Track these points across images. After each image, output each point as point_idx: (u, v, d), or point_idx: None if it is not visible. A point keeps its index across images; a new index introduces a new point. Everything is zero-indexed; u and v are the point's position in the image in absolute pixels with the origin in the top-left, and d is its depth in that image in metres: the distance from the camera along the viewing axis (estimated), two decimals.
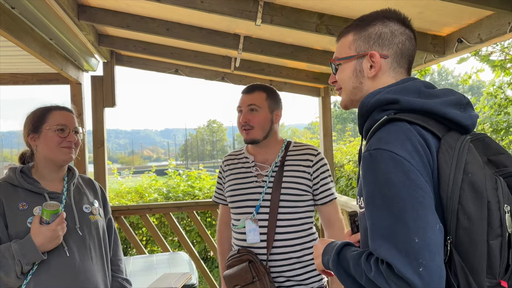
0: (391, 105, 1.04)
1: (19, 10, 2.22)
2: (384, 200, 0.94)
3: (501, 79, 6.10)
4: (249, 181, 1.91)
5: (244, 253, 1.82)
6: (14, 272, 1.49)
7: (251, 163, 1.95)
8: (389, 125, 1.01)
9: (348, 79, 1.16)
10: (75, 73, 3.46)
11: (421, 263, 0.87)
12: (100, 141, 3.71)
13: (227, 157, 2.07)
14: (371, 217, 0.97)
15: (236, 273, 1.80)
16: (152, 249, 6.28)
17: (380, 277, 0.92)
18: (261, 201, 1.86)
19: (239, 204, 1.91)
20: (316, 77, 3.79)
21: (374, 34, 1.12)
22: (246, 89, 1.96)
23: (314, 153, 1.92)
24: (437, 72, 49.80)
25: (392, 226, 0.91)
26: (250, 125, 1.88)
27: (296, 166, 1.89)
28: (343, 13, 2.36)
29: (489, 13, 2.07)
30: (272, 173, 1.89)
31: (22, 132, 1.73)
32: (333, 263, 1.06)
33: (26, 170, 1.68)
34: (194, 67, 3.95)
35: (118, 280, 1.86)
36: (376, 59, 1.10)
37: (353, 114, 47.58)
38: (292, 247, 1.85)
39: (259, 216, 1.85)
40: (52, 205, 1.55)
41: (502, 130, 5.26)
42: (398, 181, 0.92)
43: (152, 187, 6.90)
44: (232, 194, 1.95)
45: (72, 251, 1.63)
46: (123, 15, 2.74)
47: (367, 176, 0.98)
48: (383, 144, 0.97)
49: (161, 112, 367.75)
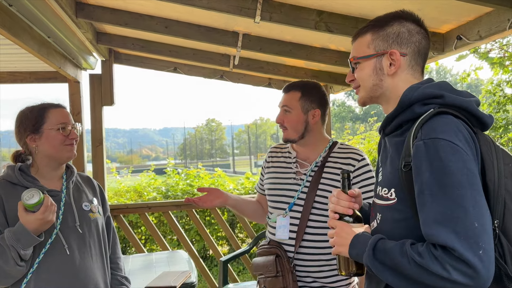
0: (434, 99, 1.09)
1: (16, 7, 2.21)
2: (442, 187, 0.97)
3: (499, 77, 6.10)
4: (288, 177, 1.91)
5: (273, 246, 1.83)
6: (12, 260, 1.48)
7: (293, 159, 1.94)
8: (438, 117, 1.05)
9: (368, 77, 1.20)
10: (73, 72, 3.45)
11: (482, 246, 0.92)
12: (98, 140, 3.70)
13: (272, 149, 2.08)
14: (426, 205, 0.99)
15: (263, 263, 1.82)
16: (151, 248, 6.28)
17: (434, 263, 0.94)
18: (296, 199, 1.85)
19: (275, 199, 1.92)
20: (315, 75, 3.78)
21: (393, 33, 1.17)
22: (284, 88, 1.97)
23: (358, 158, 1.86)
24: (435, 71, 49.88)
25: (451, 212, 0.95)
26: (284, 125, 1.90)
27: (336, 169, 1.85)
28: (342, 10, 2.35)
29: (488, 9, 2.06)
30: (311, 173, 1.87)
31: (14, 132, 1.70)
32: (369, 258, 1.06)
33: (25, 168, 1.67)
34: (192, 65, 3.95)
35: (117, 278, 1.86)
36: (397, 57, 1.15)
37: (352, 113, 47.64)
38: (322, 249, 1.81)
39: (291, 214, 1.84)
40: (31, 196, 1.48)
41: (501, 127, 5.27)
42: (458, 169, 0.97)
43: (151, 186, 6.89)
44: (269, 187, 1.96)
45: (72, 249, 1.63)
46: (121, 12, 2.73)
47: (422, 165, 1.01)
48: (439, 134, 1.01)
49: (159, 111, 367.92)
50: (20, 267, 1.51)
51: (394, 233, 1.09)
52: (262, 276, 1.82)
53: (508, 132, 5.26)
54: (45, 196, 1.51)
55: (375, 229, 1.19)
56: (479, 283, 0.93)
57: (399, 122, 1.14)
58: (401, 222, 1.09)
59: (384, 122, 1.19)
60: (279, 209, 1.89)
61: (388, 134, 1.19)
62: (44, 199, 1.51)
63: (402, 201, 1.08)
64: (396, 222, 1.10)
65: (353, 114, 47.54)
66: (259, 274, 1.84)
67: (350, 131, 8.29)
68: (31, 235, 1.48)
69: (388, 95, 1.19)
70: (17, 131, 1.70)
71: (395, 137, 1.16)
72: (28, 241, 1.49)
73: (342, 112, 45.94)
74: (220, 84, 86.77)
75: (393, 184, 1.10)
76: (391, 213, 1.11)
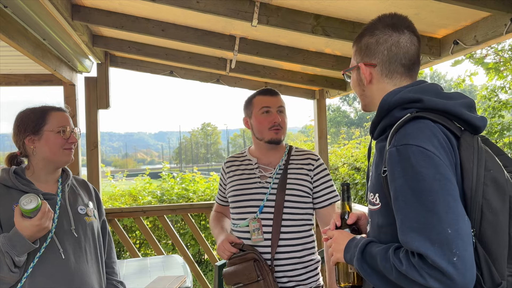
0: (413, 104, 1.09)
1: (11, 9, 2.20)
2: (415, 194, 0.96)
3: (494, 83, 6.14)
4: (253, 182, 1.96)
5: (249, 251, 1.84)
6: (6, 266, 1.45)
7: (254, 165, 2.00)
8: (414, 122, 1.05)
9: (355, 87, 1.27)
10: (68, 74, 3.43)
11: (455, 253, 0.91)
12: (93, 143, 3.67)
13: (229, 159, 2.12)
14: (400, 211, 0.99)
15: (240, 271, 1.81)
16: (145, 252, 6.23)
17: (412, 270, 0.94)
18: (265, 201, 1.90)
19: (242, 204, 1.95)
20: (311, 79, 3.78)
21: (363, 45, 1.22)
22: (271, 91, 2.01)
23: (315, 158, 2.02)
24: (430, 76, 50.21)
25: (424, 219, 0.94)
26: (281, 125, 1.95)
27: (299, 169, 1.96)
28: (339, 15, 2.35)
29: (485, 14, 2.07)
30: (276, 175, 1.94)
31: (12, 133, 1.69)
32: (357, 261, 1.07)
33: (20, 171, 1.65)
34: (189, 69, 3.93)
35: (112, 282, 1.83)
36: (362, 70, 1.21)
37: (347, 118, 47.81)
38: (295, 247, 1.89)
39: (262, 216, 1.89)
40: (29, 201, 1.47)
41: (496, 132, 5.29)
42: (429, 175, 0.95)
43: (146, 190, 6.86)
44: (235, 194, 1.98)
45: (67, 253, 1.60)
46: (118, 15, 2.72)
47: (395, 171, 1.00)
48: (411, 140, 1.00)
49: (155, 115, 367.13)
50: (14, 273, 1.48)
51: (380, 238, 1.10)
52: (240, 284, 1.81)
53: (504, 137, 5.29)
54: (42, 202, 1.49)
55: (368, 233, 1.21)
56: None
57: (382, 127, 1.15)
58: (385, 227, 1.09)
59: (370, 127, 1.21)
60: (248, 213, 1.92)
61: (375, 138, 1.20)
62: (42, 205, 1.49)
63: (385, 206, 1.08)
64: (381, 227, 1.10)
65: (348, 119, 47.70)
66: (235, 283, 1.83)
67: (345, 135, 8.30)
68: (26, 241, 1.46)
69: (374, 102, 1.22)
70: (16, 131, 1.67)
71: (380, 142, 1.17)
72: (23, 247, 1.46)
73: (337, 117, 46.09)
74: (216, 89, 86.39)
75: (377, 190, 1.11)
76: (377, 218, 1.12)
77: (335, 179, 6.39)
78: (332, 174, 6.44)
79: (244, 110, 2.07)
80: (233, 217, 2.01)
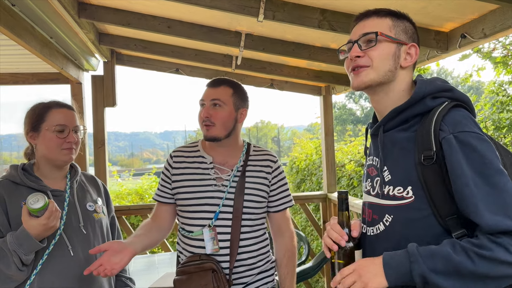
0: (444, 93, 1.11)
1: (19, 7, 2.21)
2: (485, 177, 0.99)
3: (502, 78, 6.09)
4: (207, 184, 1.74)
5: (207, 261, 1.65)
6: (14, 264, 1.46)
7: (209, 164, 1.77)
8: (455, 111, 1.07)
9: (386, 59, 1.13)
10: (75, 73, 3.45)
11: None
12: (100, 141, 3.69)
13: (177, 152, 1.85)
14: (474, 197, 0.98)
15: (195, 281, 1.62)
16: (152, 250, 6.25)
17: (499, 250, 0.95)
18: (221, 207, 1.71)
19: (195, 209, 1.73)
20: (317, 75, 3.77)
21: (410, 29, 1.18)
22: (212, 83, 1.79)
23: (274, 160, 1.84)
24: (436, 73, 49.96)
25: (503, 199, 0.97)
26: (212, 121, 1.72)
27: (258, 172, 1.79)
28: (346, 9, 2.34)
29: (493, 7, 2.05)
30: (234, 178, 1.74)
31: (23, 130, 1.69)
32: (420, 269, 0.97)
33: (28, 168, 1.65)
34: (194, 66, 3.94)
35: (121, 279, 1.83)
36: (417, 51, 1.16)
37: (352, 115, 47.63)
38: (253, 254, 1.75)
39: (218, 223, 1.70)
40: (36, 200, 1.45)
41: (505, 127, 5.24)
42: (493, 158, 1.00)
43: (152, 188, 6.88)
44: (186, 198, 1.75)
45: (76, 250, 1.60)
46: (124, 12, 2.73)
47: (457, 158, 1.01)
48: (465, 127, 1.03)
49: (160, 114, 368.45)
50: (22, 272, 1.49)
51: (409, 233, 1.05)
52: None
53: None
54: (50, 201, 1.48)
55: (382, 232, 1.12)
56: None
57: (406, 116, 1.12)
58: (418, 222, 1.05)
59: (388, 116, 1.14)
60: (201, 219, 1.71)
61: (389, 129, 1.15)
62: (49, 204, 1.47)
63: (421, 199, 1.04)
64: (412, 222, 1.05)
65: (354, 116, 47.55)
66: None
67: (351, 132, 8.28)
68: (34, 240, 1.46)
69: (392, 86, 1.15)
70: (23, 126, 1.68)
71: (400, 132, 1.12)
72: (30, 246, 1.46)
73: (343, 115, 45.94)
74: None
75: (409, 182, 1.06)
76: (407, 213, 1.06)
77: (342, 176, 6.36)
78: (339, 171, 6.41)
79: None
80: (184, 222, 1.77)
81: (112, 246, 1.55)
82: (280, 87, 4.18)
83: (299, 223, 6.72)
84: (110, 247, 1.55)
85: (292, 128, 67.10)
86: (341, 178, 6.29)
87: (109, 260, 1.51)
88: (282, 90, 4.20)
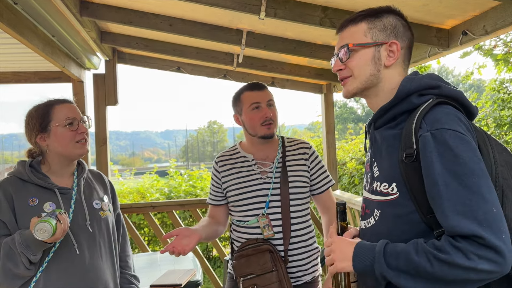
0: (431, 90, 1.09)
1: (21, 5, 2.22)
2: (457, 177, 0.96)
3: (503, 76, 6.09)
4: (254, 178, 1.93)
5: (263, 243, 1.84)
6: (22, 264, 1.47)
7: (252, 161, 1.96)
8: (439, 108, 1.05)
9: (366, 65, 1.15)
10: (77, 71, 3.46)
11: (503, 231, 0.93)
12: (102, 139, 3.70)
13: (221, 157, 2.04)
14: (442, 196, 0.97)
15: (254, 262, 1.81)
16: (154, 249, 6.27)
17: (458, 255, 0.93)
18: (270, 196, 1.89)
19: (247, 202, 1.92)
20: (318, 73, 3.78)
21: (390, 25, 1.16)
22: (258, 86, 1.97)
23: (308, 146, 2.02)
24: (437, 71, 49.93)
25: (470, 201, 0.94)
26: (272, 119, 1.92)
27: (296, 160, 1.97)
28: (347, 7, 2.35)
29: (494, 4, 2.05)
30: (276, 169, 1.93)
31: (24, 133, 1.67)
32: (381, 266, 1.00)
33: (36, 165, 1.64)
34: (196, 65, 3.95)
35: (126, 276, 1.84)
36: (397, 47, 1.14)
37: (353, 114, 47.65)
38: (304, 236, 1.93)
39: (269, 211, 1.88)
40: (43, 232, 1.40)
41: (506, 125, 5.23)
42: (469, 158, 0.97)
43: (153, 187, 6.89)
44: (237, 193, 1.94)
45: (82, 249, 1.61)
46: (126, 11, 2.74)
47: (432, 156, 0.99)
48: (444, 124, 1.00)
49: (161, 113, 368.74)
50: (29, 270, 1.50)
51: (395, 229, 1.07)
52: (252, 275, 1.81)
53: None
54: (57, 225, 1.43)
55: (372, 226, 1.15)
56: (504, 268, 0.92)
57: (393, 114, 1.13)
58: (403, 217, 1.06)
59: (377, 114, 1.16)
60: (253, 210, 1.90)
61: (379, 127, 1.17)
62: (57, 228, 1.42)
63: (404, 195, 1.05)
64: (398, 217, 1.07)
65: (355, 115, 47.54)
66: (247, 274, 1.81)
67: (352, 131, 8.28)
68: (41, 243, 1.46)
69: (380, 87, 1.16)
70: (27, 131, 1.66)
71: (388, 129, 1.14)
72: (37, 247, 1.47)
73: (344, 113, 45.95)
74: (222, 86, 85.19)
75: (393, 179, 1.07)
76: (392, 209, 1.08)
77: (343, 174, 6.37)
78: (340, 169, 6.42)
79: (233, 107, 2.01)
80: (237, 215, 1.97)
81: (181, 231, 1.77)
82: (282, 85, 4.18)
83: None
84: (179, 232, 1.76)
85: (293, 127, 67.07)
86: (342, 176, 6.30)
87: (180, 243, 1.72)
88: (283, 88, 4.20)
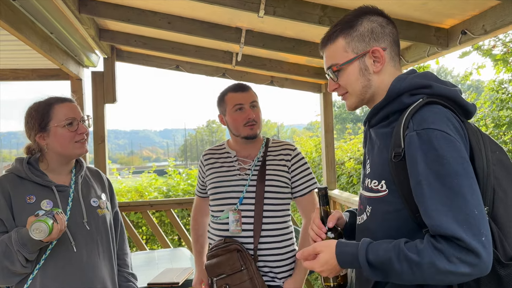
0: (422, 90, 1.09)
1: (19, 2, 2.21)
2: (439, 177, 0.96)
3: (502, 76, 6.09)
4: (233, 174, 1.97)
5: (231, 243, 1.88)
6: (18, 262, 1.46)
7: (233, 157, 2.01)
8: (428, 107, 1.05)
9: (356, 80, 1.17)
10: (75, 69, 3.45)
11: (483, 233, 0.92)
12: (100, 137, 3.69)
13: (207, 152, 2.12)
14: (425, 196, 0.97)
15: (223, 262, 1.85)
16: (152, 247, 6.26)
17: (439, 257, 0.93)
18: (245, 193, 1.92)
19: (222, 196, 1.96)
20: (317, 72, 3.78)
21: (366, 31, 1.15)
22: (242, 87, 1.99)
23: (292, 148, 2.03)
24: (436, 71, 49.96)
25: (451, 201, 0.94)
26: (255, 120, 1.94)
27: (277, 160, 1.98)
28: (346, 5, 2.34)
29: (493, 3, 2.05)
30: (255, 167, 1.96)
31: (24, 131, 1.66)
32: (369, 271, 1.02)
33: (33, 162, 1.63)
34: (195, 63, 3.94)
35: (124, 275, 1.83)
36: (381, 53, 1.14)
37: (352, 114, 47.65)
38: (276, 237, 1.92)
39: (242, 207, 1.91)
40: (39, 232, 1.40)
41: (504, 125, 5.23)
42: (453, 158, 0.96)
43: (152, 186, 6.88)
44: (214, 186, 1.99)
45: (79, 247, 1.60)
46: (124, 8, 2.73)
47: (416, 155, 0.99)
48: (431, 124, 1.00)
49: (160, 112, 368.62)
50: (26, 268, 1.49)
51: (385, 225, 1.09)
52: (223, 275, 1.85)
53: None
54: (54, 225, 1.42)
55: (365, 222, 1.18)
56: (482, 270, 0.92)
57: (385, 113, 1.14)
58: (392, 214, 1.08)
59: (370, 113, 1.18)
60: (227, 205, 1.94)
61: (373, 125, 1.19)
62: (53, 228, 1.42)
63: (393, 193, 1.07)
64: (387, 214, 1.09)
65: (354, 115, 47.57)
66: (218, 274, 1.87)
67: (351, 130, 8.28)
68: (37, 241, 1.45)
69: (376, 92, 1.17)
70: (26, 129, 1.65)
71: (381, 128, 1.15)
72: (34, 246, 1.46)
73: (343, 113, 45.96)
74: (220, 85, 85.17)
75: (383, 176, 1.09)
76: (382, 206, 1.10)
77: (341, 174, 6.37)
78: (339, 169, 6.42)
79: (218, 108, 2.04)
80: (213, 209, 2.02)
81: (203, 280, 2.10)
82: (281, 84, 4.17)
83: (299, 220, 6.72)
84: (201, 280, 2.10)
85: (291, 127, 67.14)
86: (341, 176, 6.30)
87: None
88: (282, 87, 4.20)
